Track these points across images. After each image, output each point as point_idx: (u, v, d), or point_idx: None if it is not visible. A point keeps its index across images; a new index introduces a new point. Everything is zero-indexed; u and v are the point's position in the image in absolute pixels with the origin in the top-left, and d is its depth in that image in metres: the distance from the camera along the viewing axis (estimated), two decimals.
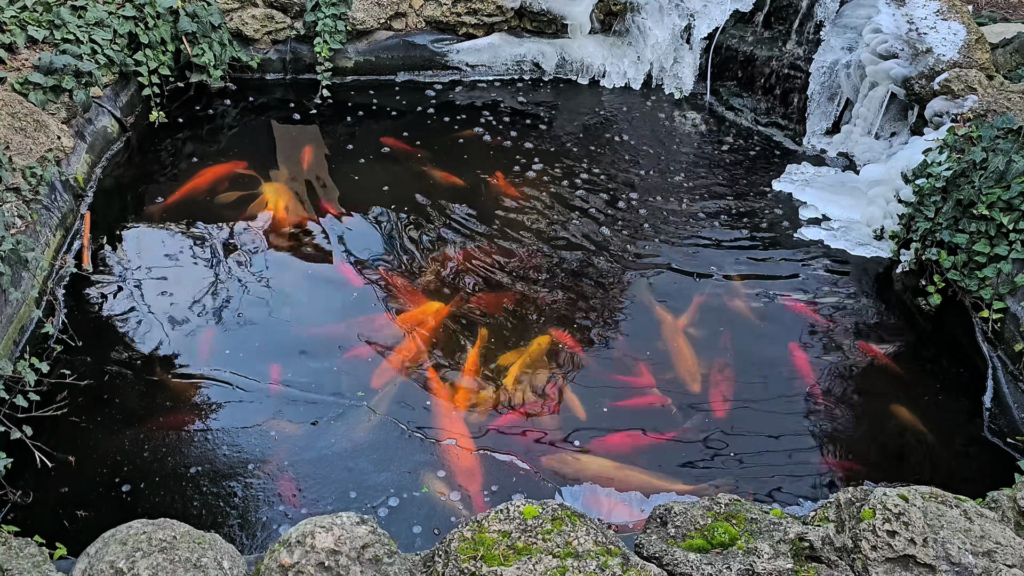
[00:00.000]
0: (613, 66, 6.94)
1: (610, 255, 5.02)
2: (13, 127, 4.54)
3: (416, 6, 6.75)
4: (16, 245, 3.88)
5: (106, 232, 4.90)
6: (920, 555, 2.50)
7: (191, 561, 2.41)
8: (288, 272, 4.74)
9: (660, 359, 4.32)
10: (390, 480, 3.58)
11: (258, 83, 6.57)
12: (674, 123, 6.57)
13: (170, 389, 3.95)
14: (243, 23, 6.34)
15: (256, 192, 5.34)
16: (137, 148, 5.71)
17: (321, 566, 2.38)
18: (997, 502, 2.93)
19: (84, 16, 5.40)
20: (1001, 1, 8.43)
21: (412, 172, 5.71)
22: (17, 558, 2.56)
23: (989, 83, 5.24)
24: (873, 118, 5.85)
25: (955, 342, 4.49)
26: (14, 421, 3.41)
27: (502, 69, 6.95)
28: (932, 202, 4.68)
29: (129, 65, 5.67)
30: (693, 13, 6.79)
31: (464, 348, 4.28)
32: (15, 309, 3.96)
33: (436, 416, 3.91)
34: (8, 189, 4.26)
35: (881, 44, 5.71)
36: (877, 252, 5.15)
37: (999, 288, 4.25)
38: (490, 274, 4.78)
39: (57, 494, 3.40)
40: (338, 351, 4.23)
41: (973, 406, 4.14)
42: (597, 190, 5.63)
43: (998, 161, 4.35)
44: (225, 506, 3.42)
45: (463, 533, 2.53)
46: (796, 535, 2.53)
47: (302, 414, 3.87)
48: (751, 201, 5.64)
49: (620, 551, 2.48)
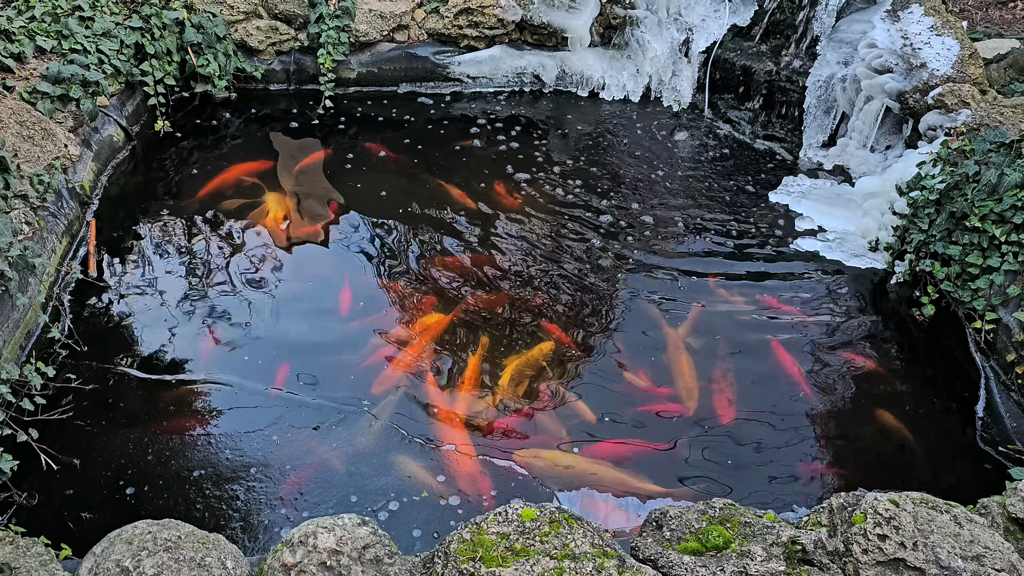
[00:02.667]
0: (612, 79, 7.03)
1: (608, 265, 5.08)
2: (21, 135, 4.61)
3: (418, 18, 6.84)
4: (23, 251, 3.94)
5: (111, 239, 4.96)
6: (910, 559, 2.55)
7: (195, 560, 2.46)
8: (290, 279, 4.80)
9: (659, 369, 4.37)
10: (390, 484, 3.63)
11: (262, 93, 6.65)
12: (672, 135, 6.65)
13: (173, 393, 4.01)
14: (248, 34, 6.43)
15: (259, 200, 5.41)
16: (142, 157, 5.79)
17: (323, 566, 2.43)
18: (987, 508, 2.98)
19: (91, 27, 5.48)
20: (996, 17, 8.53)
21: (412, 182, 5.78)
22: (24, 557, 2.61)
23: (982, 97, 5.32)
24: (868, 131, 5.93)
25: (948, 352, 4.55)
26: (20, 424, 3.46)
27: (503, 81, 7.04)
28: (926, 214, 4.75)
29: (135, 75, 5.75)
30: (691, 27, 6.88)
31: (465, 356, 4.33)
32: (22, 314, 4.02)
33: (436, 422, 3.96)
34: (16, 196, 4.32)
35: (876, 59, 5.79)
36: (872, 263, 5.22)
37: (991, 299, 4.31)
38: (490, 283, 4.84)
39: (62, 496, 3.45)
40: (339, 358, 4.29)
41: (966, 415, 4.19)
42: (596, 201, 5.70)
43: (991, 174, 4.42)
44: (228, 509, 3.46)
45: (462, 535, 2.58)
46: (789, 538, 2.58)
47: (304, 419, 3.92)
48: (747, 212, 5.71)
49: (616, 553, 2.53)
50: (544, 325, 4.55)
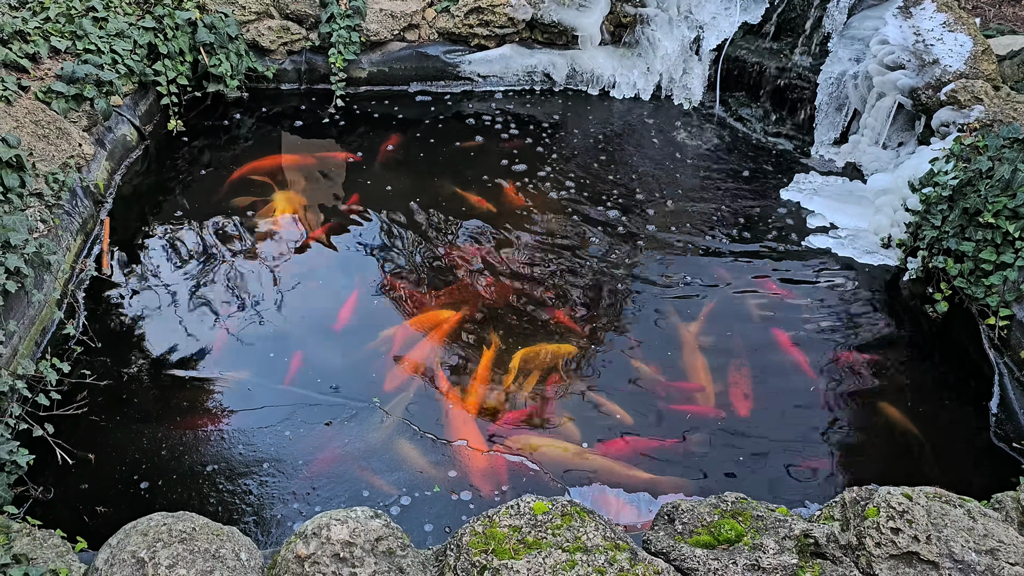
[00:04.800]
0: (623, 77, 7.02)
1: (620, 262, 5.08)
2: (36, 134, 4.65)
3: (429, 18, 6.85)
4: (39, 248, 3.98)
5: (124, 237, 5.00)
6: (924, 552, 2.54)
7: (210, 552, 2.48)
8: (301, 276, 4.82)
9: (672, 366, 4.37)
10: (402, 479, 3.64)
11: (273, 93, 6.68)
12: (683, 133, 6.64)
13: (187, 389, 4.03)
14: (259, 34, 6.46)
15: (268, 198, 5.44)
16: (155, 156, 5.83)
17: (336, 557, 2.44)
18: (1001, 503, 2.97)
19: (105, 27, 5.53)
20: (1009, 14, 8.48)
21: (423, 180, 5.79)
22: (41, 548, 2.63)
23: (995, 94, 5.29)
24: (880, 128, 5.91)
25: (962, 349, 4.52)
26: (36, 419, 3.50)
27: (513, 80, 7.05)
28: (939, 211, 4.72)
29: (148, 75, 5.79)
30: (702, 25, 6.87)
31: (477, 352, 4.34)
32: (37, 310, 4.06)
33: (448, 418, 3.97)
34: (32, 194, 4.36)
35: (888, 55, 5.77)
36: (884, 260, 5.20)
37: (1005, 295, 4.28)
38: (501, 280, 4.85)
39: (77, 490, 3.48)
40: (351, 355, 4.31)
41: (979, 412, 4.17)
42: (607, 198, 5.70)
43: (1004, 170, 4.39)
44: (240, 503, 3.48)
45: (474, 527, 2.59)
46: (801, 531, 2.58)
47: (316, 415, 3.94)
48: (759, 210, 5.70)
49: (628, 546, 2.53)
50: (557, 315, 4.56)
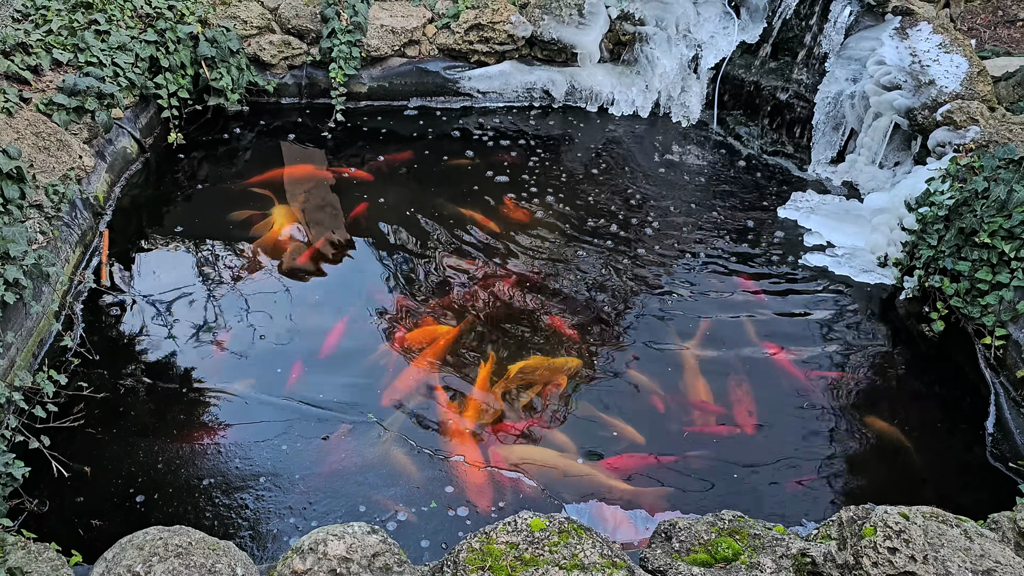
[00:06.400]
0: (621, 94, 7.07)
1: (617, 280, 5.10)
2: (37, 146, 4.67)
3: (429, 34, 6.90)
4: (38, 260, 3.98)
5: (123, 250, 5.00)
6: (920, 572, 2.54)
7: (206, 567, 2.47)
8: (299, 289, 4.83)
9: (671, 382, 4.38)
10: (399, 495, 3.63)
11: (274, 107, 6.71)
12: (681, 150, 6.68)
13: (184, 402, 4.03)
14: (261, 49, 6.50)
15: (267, 212, 5.46)
16: (155, 168, 5.85)
17: (333, 573, 2.44)
18: (998, 523, 2.97)
19: (107, 40, 5.56)
20: (1004, 36, 8.57)
21: (422, 196, 5.82)
22: (36, 562, 2.62)
23: (991, 114, 5.33)
24: (877, 148, 5.95)
25: (958, 368, 4.54)
26: (32, 431, 3.49)
27: (513, 96, 7.09)
28: (935, 230, 4.75)
29: (149, 88, 5.82)
30: (700, 44, 6.93)
31: (474, 367, 4.34)
32: (35, 322, 4.06)
33: (445, 433, 3.97)
34: (31, 206, 4.37)
35: (885, 76, 5.82)
36: (881, 279, 5.22)
37: (1001, 315, 4.30)
38: (499, 295, 4.86)
39: (73, 503, 3.47)
40: (348, 369, 4.31)
41: (975, 431, 4.18)
42: (604, 215, 5.72)
43: (999, 190, 4.43)
44: (237, 518, 3.47)
45: (471, 544, 2.58)
46: (799, 551, 2.58)
47: (313, 429, 3.93)
48: (756, 227, 5.72)
49: (625, 564, 2.53)
50: (554, 327, 4.57)
